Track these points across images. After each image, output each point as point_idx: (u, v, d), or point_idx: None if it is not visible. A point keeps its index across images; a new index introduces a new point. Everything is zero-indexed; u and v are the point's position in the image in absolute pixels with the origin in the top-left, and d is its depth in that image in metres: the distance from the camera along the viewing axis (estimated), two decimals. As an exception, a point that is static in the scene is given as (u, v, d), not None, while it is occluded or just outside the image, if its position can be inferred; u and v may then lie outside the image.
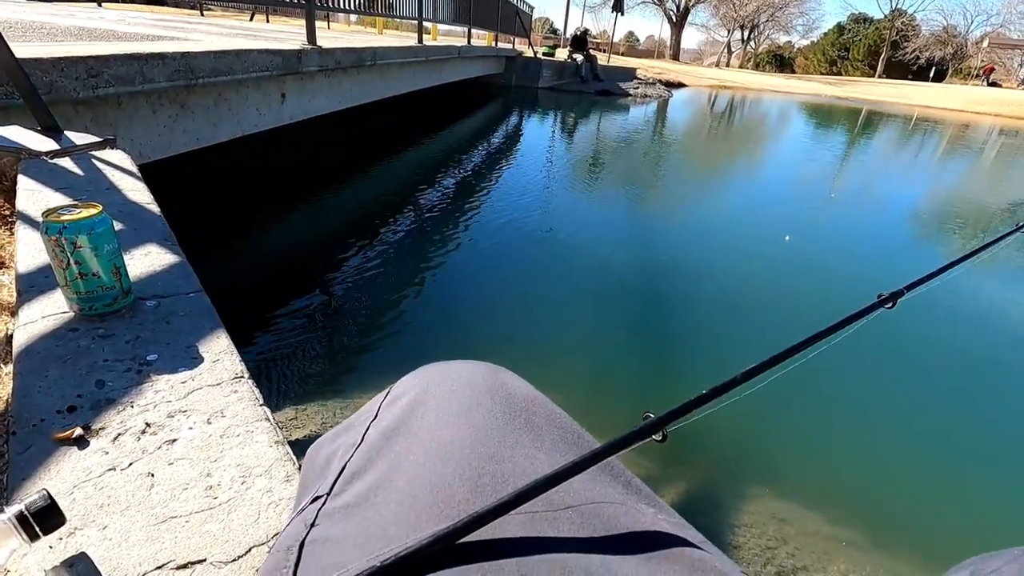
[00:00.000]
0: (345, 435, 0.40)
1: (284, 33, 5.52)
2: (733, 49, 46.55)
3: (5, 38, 1.36)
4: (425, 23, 8.57)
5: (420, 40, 6.30)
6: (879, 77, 35.72)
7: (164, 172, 2.47)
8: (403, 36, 8.70)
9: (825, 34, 44.54)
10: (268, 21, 11.27)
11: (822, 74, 38.34)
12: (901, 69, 37.67)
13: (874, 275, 3.59)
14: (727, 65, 43.21)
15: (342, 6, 4.98)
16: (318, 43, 3.75)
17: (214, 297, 0.83)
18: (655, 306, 3.01)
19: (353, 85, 4.60)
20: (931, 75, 36.48)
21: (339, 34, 8.13)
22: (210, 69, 2.67)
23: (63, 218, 0.67)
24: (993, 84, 32.06)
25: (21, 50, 1.63)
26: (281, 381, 1.96)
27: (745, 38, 45.47)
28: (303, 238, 3.58)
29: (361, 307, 2.65)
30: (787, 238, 4.11)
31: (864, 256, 4.06)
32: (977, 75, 34.56)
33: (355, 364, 2.16)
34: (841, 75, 37.96)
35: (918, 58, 36.86)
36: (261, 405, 0.58)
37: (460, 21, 8.70)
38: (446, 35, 12.68)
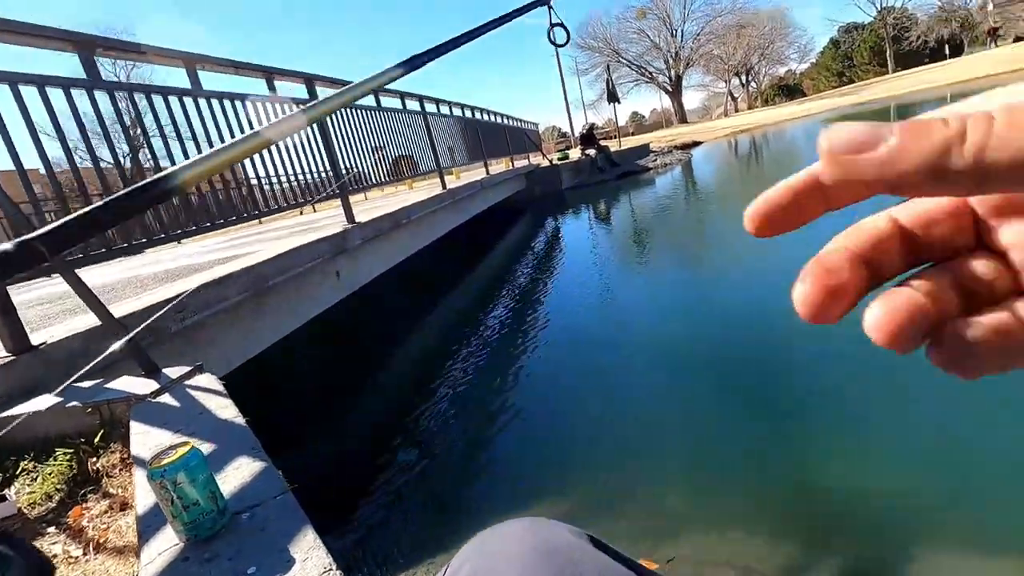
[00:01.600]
0: None
1: (330, 217, 6.23)
2: (736, 95, 47.68)
3: (106, 306, 1.63)
4: (446, 170, 9.46)
5: (444, 186, 6.90)
6: (893, 72, 35.21)
7: (248, 374, 2.72)
8: (431, 184, 9.59)
9: (822, 52, 45.15)
10: (315, 210, 12.74)
11: (833, 88, 38.24)
12: (914, 58, 37.09)
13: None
14: (736, 111, 44.03)
15: (373, 181, 5.61)
16: (356, 219, 4.19)
17: (302, 490, 0.90)
18: (759, 390, 2.85)
19: (393, 246, 5.03)
20: (947, 53, 35.62)
21: (375, 200, 9.05)
22: (274, 271, 3.03)
23: (163, 462, 0.78)
24: (1020, 38, 30.81)
25: (117, 310, 1.94)
26: (375, 556, 1.97)
27: (744, 81, 46.67)
28: (366, 413, 3.74)
29: (442, 464, 2.67)
30: None
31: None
32: (985, 41, 33.53)
33: (442, 523, 2.15)
34: (853, 82, 37.70)
35: (926, 42, 36.33)
36: (350, 597, 0.61)
37: (475, 159, 9.52)
38: (467, 170, 13.85)
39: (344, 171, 4.47)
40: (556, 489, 2.11)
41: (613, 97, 19.34)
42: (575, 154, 16.35)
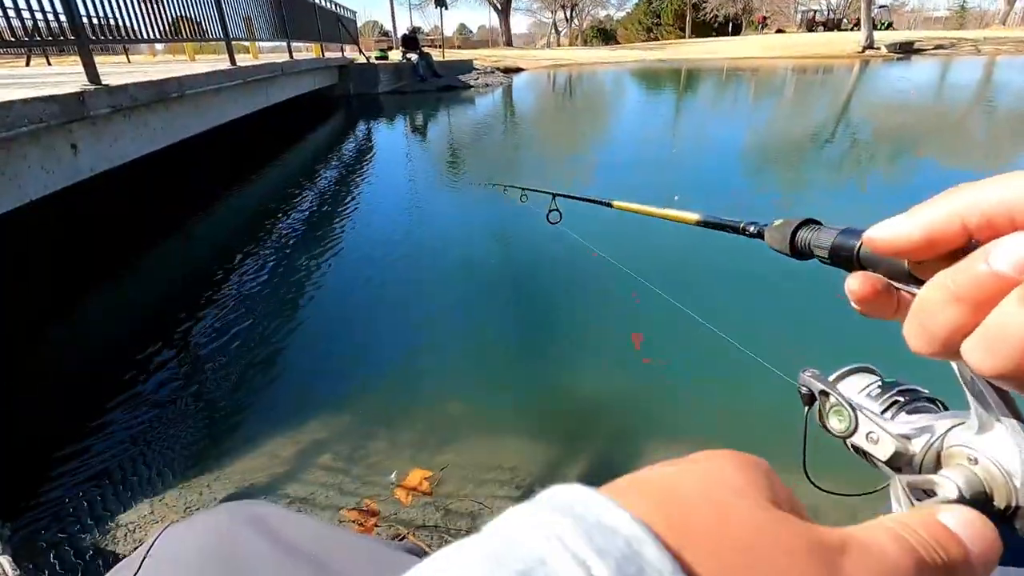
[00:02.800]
0: None
1: (67, 75, 4.80)
2: (560, 29, 48.94)
3: None
4: (243, 43, 7.94)
5: (233, 62, 5.81)
6: (689, 38, 39.52)
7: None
8: (220, 60, 7.98)
9: (637, 5, 48.33)
10: (50, 63, 9.80)
11: (642, 41, 41.56)
12: (705, 28, 41.99)
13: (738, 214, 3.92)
14: (558, 44, 45.36)
15: (137, 36, 4.42)
16: (104, 81, 3.29)
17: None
18: (545, 295, 3.03)
19: (162, 123, 4.12)
20: (730, 30, 41.07)
21: (140, 66, 7.27)
22: (-42, 132, 2.23)
23: None
24: (779, 31, 36.86)
25: None
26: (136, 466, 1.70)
27: (568, 16, 47.98)
28: (129, 310, 3.15)
29: (221, 373, 2.38)
30: (676, 198, 4.27)
31: (725, 196, 4.42)
32: (758, 26, 39.72)
33: (228, 438, 1.93)
34: (658, 39, 41.44)
35: (716, 16, 41.26)
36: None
37: (278, 36, 8.18)
38: (270, 52, 11.89)
39: (85, 12, 3.42)
40: (337, 404, 2.04)
41: (441, 1, 18.18)
42: (396, 56, 15.18)
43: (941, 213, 0.20)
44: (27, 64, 9.05)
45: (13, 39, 3.07)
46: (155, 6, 4.54)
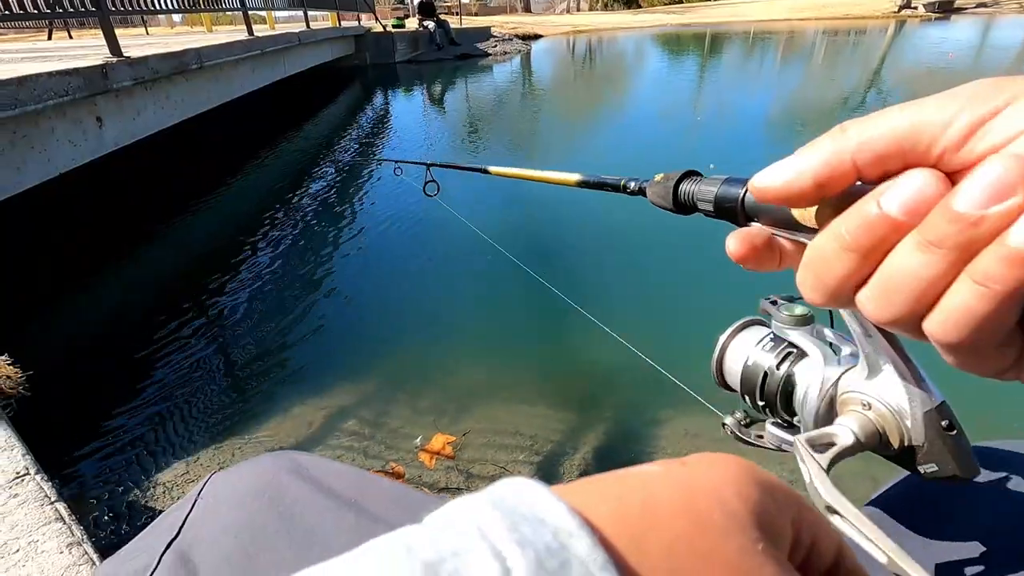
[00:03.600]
0: (135, 560, 0.37)
1: (88, 48, 4.83)
2: (581, -8, 47.42)
3: None
4: (259, 12, 7.87)
5: (250, 32, 5.77)
6: (714, 0, 38.01)
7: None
8: (236, 31, 7.94)
9: (661, -35, 46.50)
10: (71, 37, 9.87)
11: (664, 5, 40.14)
12: (732, -11, 40.25)
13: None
14: (577, 9, 44.07)
15: (153, 5, 4.42)
16: (125, 53, 3.31)
17: (40, 376, 0.69)
18: (565, 267, 3.03)
19: (183, 94, 4.14)
20: (758, -9, 39.31)
21: (159, 38, 7.28)
22: (-13, 105, 2.27)
23: None
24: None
25: None
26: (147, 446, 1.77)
27: (589, -20, 46.44)
28: (145, 286, 3.22)
29: (249, 340, 2.44)
30: (712, 167, 4.17)
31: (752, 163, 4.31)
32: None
33: (253, 407, 2.00)
34: (682, 2, 39.96)
35: (744, -24, 39.51)
36: (53, 503, 0.49)
37: (294, 5, 8.09)
38: (286, 22, 11.81)
39: (104, -17, 3.42)
40: (362, 372, 2.08)
41: (458, -34, 17.70)
42: (412, 24, 14.92)
43: (829, 153, 0.19)
44: (49, 38, 9.13)
45: (35, 11, 3.08)
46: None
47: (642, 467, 0.16)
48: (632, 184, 0.38)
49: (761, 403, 0.35)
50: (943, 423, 0.26)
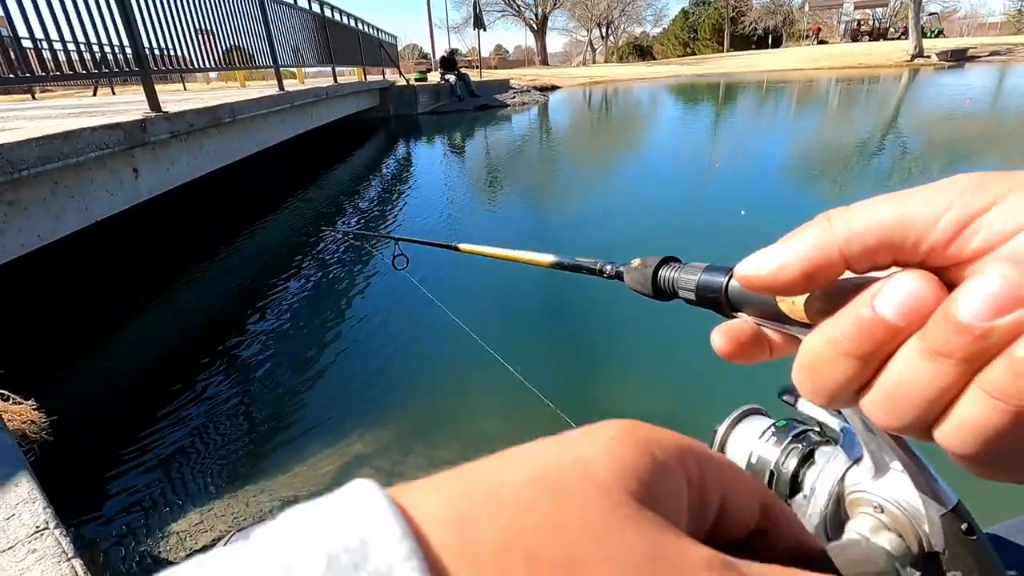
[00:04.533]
0: None
1: (130, 103, 5.13)
2: (595, 46, 49.24)
3: None
4: (290, 68, 8.31)
5: (281, 87, 6.08)
6: (727, 51, 39.10)
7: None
8: (268, 85, 8.37)
9: (673, 20, 48.26)
10: (115, 93, 10.49)
11: (678, 56, 41.37)
12: (744, 41, 41.46)
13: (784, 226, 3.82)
14: (593, 62, 45.61)
15: (192, 65, 4.69)
16: (164, 109, 3.49)
17: (63, 423, 0.70)
18: (586, 312, 3.02)
19: (215, 146, 4.33)
20: (770, 43, 40.41)
21: (196, 93, 7.69)
22: (35, 158, 2.40)
23: None
24: (822, 42, 36.10)
25: None
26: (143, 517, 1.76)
27: (604, 34, 48.27)
28: (176, 327, 3.29)
29: (265, 389, 2.45)
30: (743, 212, 4.05)
31: (773, 212, 4.26)
32: (807, 36, 38.84)
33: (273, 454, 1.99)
34: (695, 54, 41.16)
35: (755, 29, 40.72)
36: (69, 559, 0.49)
37: (323, 62, 8.52)
38: (314, 77, 12.40)
39: (148, 45, 3.65)
40: (377, 421, 2.07)
41: (479, 22, 18.60)
42: (434, 77, 15.57)
43: (817, 244, 0.18)
44: (94, 94, 9.71)
45: (84, 71, 3.29)
46: (210, 38, 4.81)
47: (525, 445, 0.15)
48: (609, 268, 0.37)
49: None
50: (963, 526, 0.25)
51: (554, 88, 19.92)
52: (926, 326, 0.16)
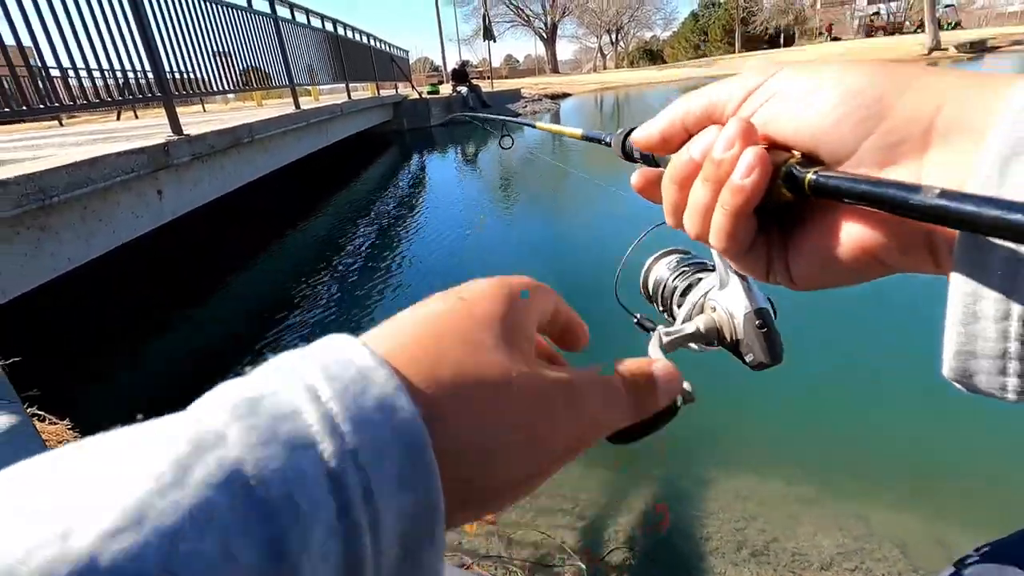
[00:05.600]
0: None
1: (152, 127, 5.27)
2: (605, 52, 49.28)
3: None
4: (301, 88, 8.48)
5: (297, 106, 6.20)
6: (739, 52, 38.84)
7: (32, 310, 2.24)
8: (285, 103, 8.55)
9: (683, 23, 48.13)
10: (137, 117, 10.78)
11: (689, 59, 41.21)
12: (756, 41, 41.16)
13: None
14: (604, 68, 45.61)
15: (211, 88, 4.81)
16: (185, 131, 3.59)
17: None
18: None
19: (236, 165, 4.43)
20: (782, 42, 40.07)
21: (215, 114, 7.88)
22: (65, 184, 2.48)
23: None
24: (835, 39, 35.68)
25: None
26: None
27: (614, 40, 48.30)
28: (200, 343, 3.35)
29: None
30: None
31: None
32: (820, 34, 38.45)
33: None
34: (706, 56, 40.95)
35: (767, 29, 40.43)
36: None
37: (337, 79, 8.67)
38: (329, 94, 12.62)
39: (169, 70, 3.76)
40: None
41: (488, 34, 18.78)
42: (446, 90, 15.73)
43: (668, 119, 0.27)
44: (118, 118, 10.01)
45: (108, 98, 3.40)
46: (227, 60, 4.94)
47: (432, 305, 0.21)
48: (607, 138, 0.46)
49: (661, 309, 0.46)
50: (757, 322, 0.35)
51: (565, 95, 19.98)
52: (703, 164, 0.25)
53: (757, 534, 1.44)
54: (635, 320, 0.45)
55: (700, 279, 0.42)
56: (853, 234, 0.22)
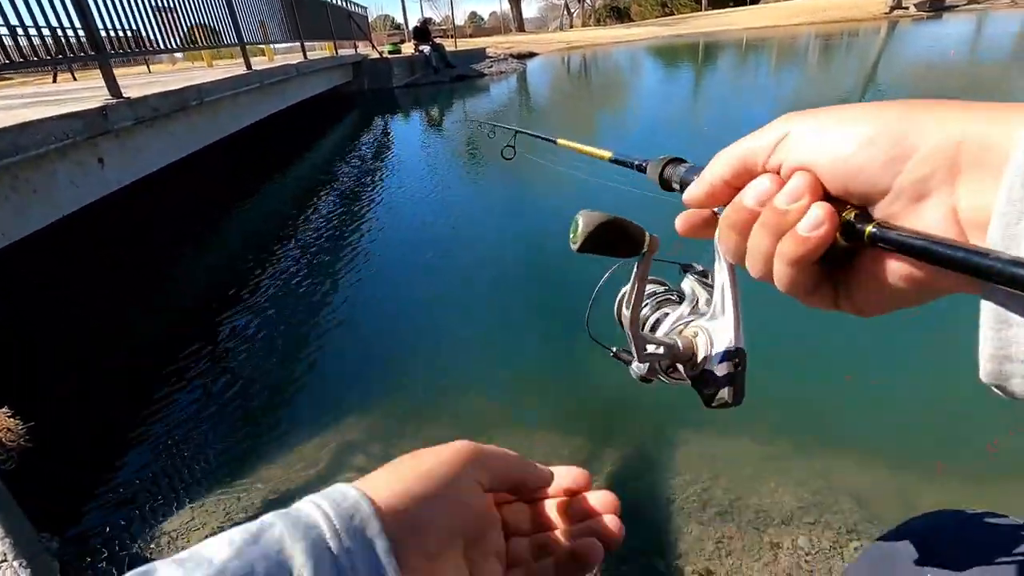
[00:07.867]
0: None
1: (92, 90, 4.91)
2: (572, 10, 48.15)
3: None
4: (258, 45, 8.00)
5: (248, 66, 5.85)
6: (705, 10, 38.41)
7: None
8: (236, 64, 8.05)
9: (651, -22, 47.10)
10: (75, 79, 10.05)
11: (656, 17, 40.58)
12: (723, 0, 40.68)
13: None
14: (571, 26, 44.65)
15: (153, 46, 4.47)
16: (125, 94, 3.34)
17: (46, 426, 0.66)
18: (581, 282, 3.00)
19: (185, 130, 4.18)
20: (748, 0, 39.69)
21: (160, 76, 7.40)
22: (-10, 153, 2.28)
23: None
24: (801, -4, 35.44)
25: None
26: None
27: (581, -3, 47.12)
28: (159, 320, 3.22)
29: (251, 381, 2.41)
30: None
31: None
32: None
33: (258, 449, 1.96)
34: (673, 14, 40.40)
35: (734, -15, 39.87)
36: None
37: (290, 38, 8.21)
38: (286, 53, 11.97)
39: (103, 27, 3.47)
40: (367, 407, 2.04)
41: (451, -10, 18.00)
42: (408, 49, 15.14)
43: (710, 179, 0.30)
44: (54, 81, 9.30)
45: (36, 58, 3.13)
46: (171, 16, 4.59)
47: (420, 462, 0.31)
48: (642, 163, 0.47)
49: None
50: (735, 360, 0.37)
51: (532, 55, 19.48)
52: (762, 212, 0.27)
53: (723, 493, 1.47)
54: (611, 354, 0.46)
55: (667, 313, 0.44)
56: (906, 271, 0.24)
